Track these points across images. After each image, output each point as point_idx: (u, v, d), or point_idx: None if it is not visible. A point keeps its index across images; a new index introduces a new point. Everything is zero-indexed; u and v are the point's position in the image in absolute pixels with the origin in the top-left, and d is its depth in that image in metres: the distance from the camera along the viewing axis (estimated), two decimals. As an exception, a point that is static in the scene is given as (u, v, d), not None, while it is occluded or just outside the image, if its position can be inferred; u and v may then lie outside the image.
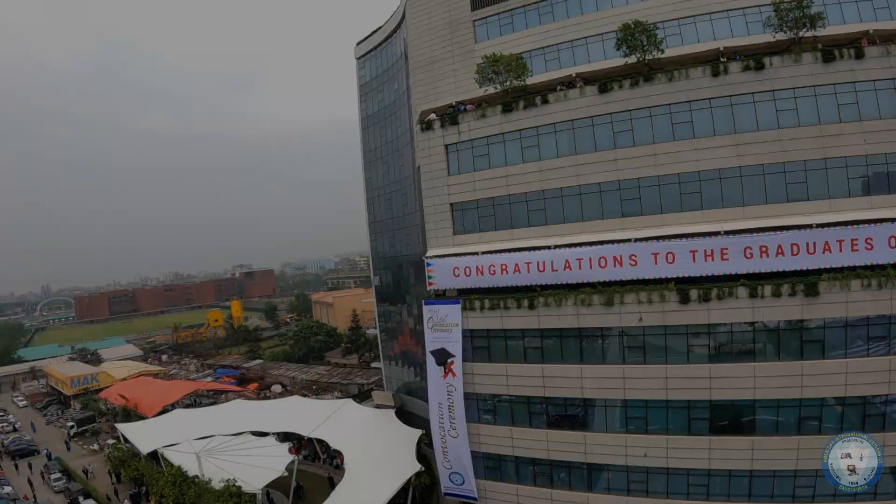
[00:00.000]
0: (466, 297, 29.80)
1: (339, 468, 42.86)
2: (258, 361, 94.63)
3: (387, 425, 42.91)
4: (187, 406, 67.48)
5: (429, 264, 30.09)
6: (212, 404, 66.89)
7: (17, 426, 72.37)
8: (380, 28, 47.82)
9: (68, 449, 61.29)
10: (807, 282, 22.59)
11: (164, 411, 60.92)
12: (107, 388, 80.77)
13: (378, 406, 47.72)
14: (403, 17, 41.77)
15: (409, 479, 32.84)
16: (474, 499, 29.78)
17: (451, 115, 30.62)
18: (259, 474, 37.51)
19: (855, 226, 22.78)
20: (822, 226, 22.93)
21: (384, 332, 51.92)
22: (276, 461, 40.13)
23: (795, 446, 23.48)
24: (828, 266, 22.72)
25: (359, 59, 50.68)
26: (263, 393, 74.89)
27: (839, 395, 23.03)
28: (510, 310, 27.96)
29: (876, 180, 24.40)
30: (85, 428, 67.13)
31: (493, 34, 35.90)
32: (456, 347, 29.92)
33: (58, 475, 50.04)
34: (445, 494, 31.01)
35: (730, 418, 24.08)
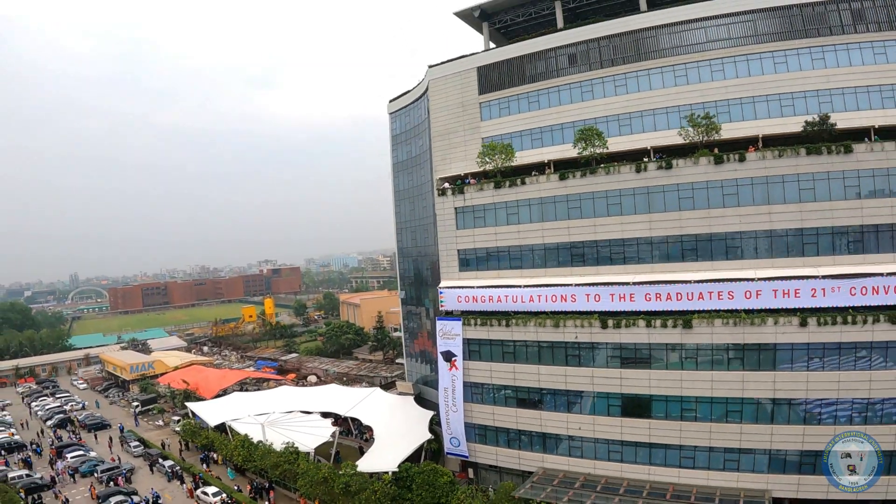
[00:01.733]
0: (466, 316, 43.42)
1: (368, 441, 56.74)
2: (294, 355, 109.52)
3: (407, 408, 56.83)
4: (228, 393, 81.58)
5: (441, 292, 43.88)
6: (256, 390, 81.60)
7: (84, 405, 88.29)
8: (408, 92, 61.21)
9: (136, 424, 76.80)
10: (684, 318, 35.48)
11: (218, 395, 75.79)
12: (162, 374, 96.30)
13: (401, 393, 61.71)
14: (426, 90, 55.09)
15: (423, 444, 46.71)
16: (466, 457, 43.52)
17: (458, 186, 44.20)
18: (309, 440, 51.68)
19: (722, 282, 35.52)
20: (699, 281, 35.74)
21: (407, 333, 65.73)
22: (322, 431, 54.47)
23: (678, 428, 36.44)
24: (699, 308, 35.54)
25: (391, 114, 64.28)
26: (300, 382, 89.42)
27: (706, 395, 35.85)
28: (494, 326, 41.56)
29: (746, 249, 36.94)
30: (148, 407, 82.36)
31: (493, 115, 49.04)
32: (458, 350, 43.53)
33: (136, 443, 65.28)
34: (447, 454, 44.82)
35: (634, 406, 37.20)
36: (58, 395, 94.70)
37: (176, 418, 72.86)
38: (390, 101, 64.55)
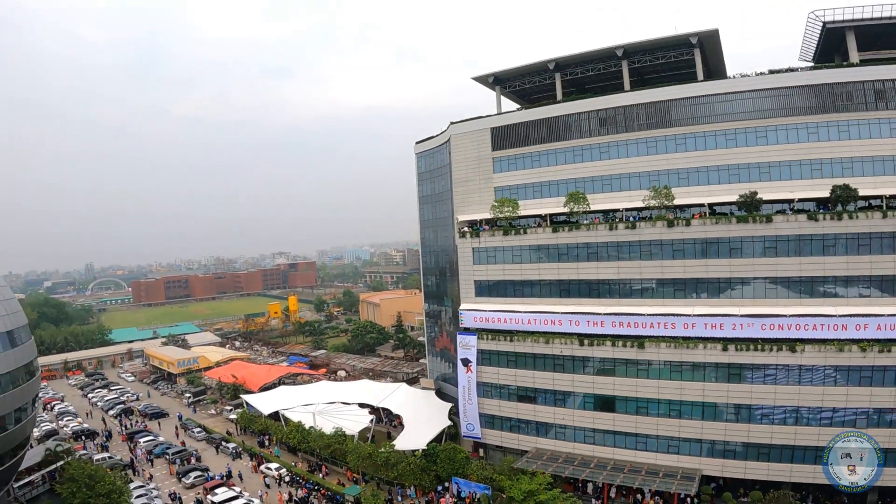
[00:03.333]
0: (480, 332, 57.74)
1: (396, 427, 71.33)
2: (322, 351, 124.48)
3: (429, 400, 71.55)
4: (272, 386, 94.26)
5: (461, 313, 58.27)
6: (291, 384, 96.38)
7: (139, 396, 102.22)
8: (432, 138, 74.77)
9: (194, 411, 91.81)
10: (639, 341, 49.52)
11: (263, 388, 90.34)
12: (206, 368, 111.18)
13: (424, 388, 76.45)
14: (448, 141, 68.62)
15: (443, 430, 61.38)
16: (479, 438, 58.35)
17: (475, 231, 58.37)
18: (353, 426, 66.37)
19: (668, 316, 49.34)
20: (651, 315, 49.64)
21: (428, 338, 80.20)
22: (361, 419, 69.24)
23: (634, 421, 50.62)
24: (651, 334, 49.48)
25: (417, 154, 78.13)
26: (331, 377, 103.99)
27: (654, 397, 49.89)
28: (501, 341, 55.94)
29: (688, 291, 50.60)
30: (199, 399, 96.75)
31: (504, 168, 62.84)
32: (473, 357, 57.85)
33: (198, 429, 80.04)
34: (463, 436, 59.59)
35: (602, 403, 51.46)
36: (112, 388, 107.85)
37: (228, 408, 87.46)
38: (416, 143, 78.36)
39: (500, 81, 67.78)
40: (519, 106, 73.50)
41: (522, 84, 68.01)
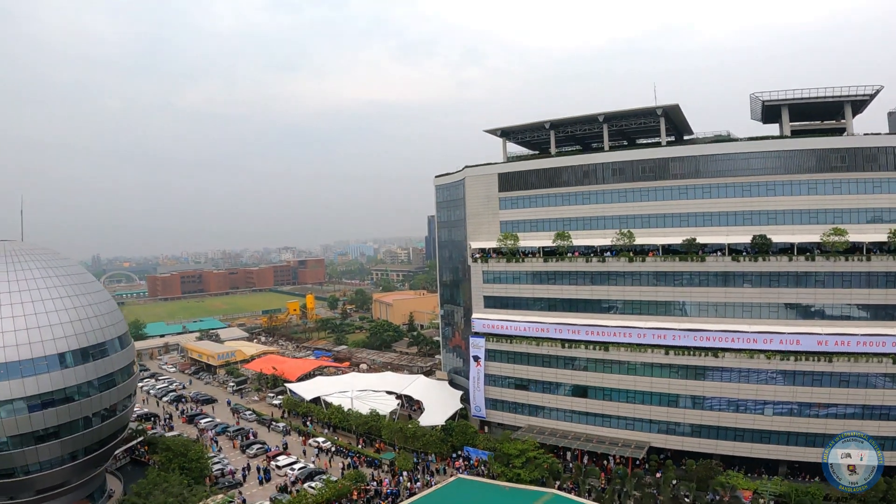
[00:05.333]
0: (487, 335, 76.49)
1: (415, 411, 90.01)
2: (343, 347, 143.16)
3: (443, 388, 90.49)
4: (309, 376, 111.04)
5: (473, 321, 77.05)
6: (320, 375, 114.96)
7: (185, 385, 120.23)
8: (449, 174, 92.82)
9: (241, 398, 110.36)
10: (605, 346, 68.27)
11: (300, 378, 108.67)
12: (243, 361, 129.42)
13: (438, 379, 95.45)
14: (464, 180, 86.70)
15: (456, 411, 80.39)
16: (484, 418, 77.35)
17: (484, 257, 76.96)
18: (384, 408, 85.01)
19: (626, 328, 67.88)
20: (614, 326, 68.24)
21: (443, 337, 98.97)
22: (389, 403, 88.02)
23: (601, 405, 69.46)
24: (613, 341, 68.16)
25: (436, 186, 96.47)
26: (353, 369, 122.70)
27: (616, 387, 68.64)
28: (503, 343, 74.78)
29: (643, 309, 69.01)
30: (241, 387, 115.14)
31: (508, 206, 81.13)
32: (482, 355, 76.67)
33: (249, 412, 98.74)
34: (472, 416, 78.69)
35: (579, 391, 70.49)
36: (159, 378, 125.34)
37: (271, 395, 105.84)
38: (436, 177, 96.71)
39: (506, 134, 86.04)
40: (523, 150, 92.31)
41: (524, 137, 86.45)
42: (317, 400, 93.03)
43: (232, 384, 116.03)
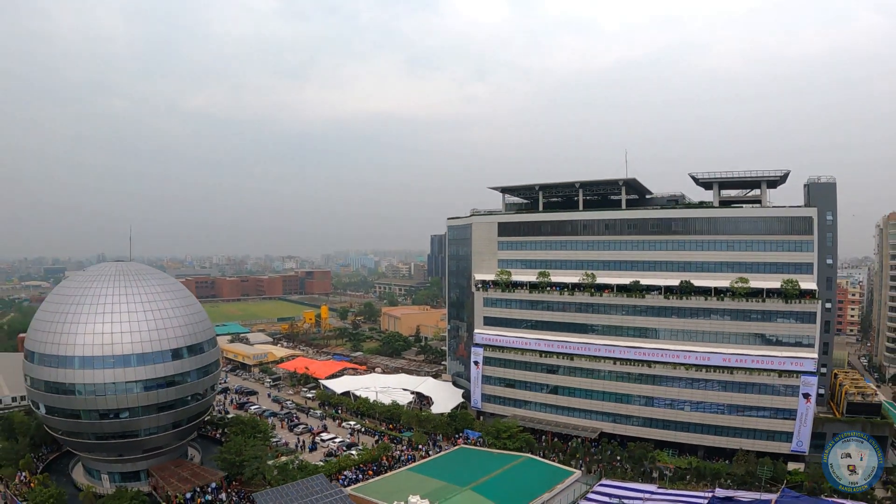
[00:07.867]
0: (485, 346, 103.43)
1: (425, 406, 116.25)
2: (359, 353, 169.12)
3: (448, 388, 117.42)
4: (337, 375, 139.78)
5: (474, 335, 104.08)
6: (341, 375, 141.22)
7: (227, 380, 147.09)
8: (459, 217, 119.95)
9: (278, 391, 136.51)
10: (570, 357, 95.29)
11: (328, 377, 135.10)
12: (275, 362, 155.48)
13: (443, 381, 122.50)
14: (471, 224, 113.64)
15: (459, 403, 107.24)
16: (480, 409, 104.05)
17: (485, 287, 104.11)
18: (402, 400, 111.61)
19: (589, 344, 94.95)
20: (579, 343, 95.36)
21: (448, 348, 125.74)
22: (405, 396, 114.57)
23: (569, 401, 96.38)
24: (579, 353, 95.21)
25: (448, 226, 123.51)
26: (371, 372, 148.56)
27: (580, 388, 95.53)
28: (497, 351, 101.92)
29: (602, 331, 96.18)
30: (276, 383, 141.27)
31: (505, 248, 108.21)
32: (480, 360, 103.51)
33: (289, 401, 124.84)
34: (471, 408, 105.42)
35: (553, 389, 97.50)
36: None
37: (305, 389, 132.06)
38: (448, 219, 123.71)
39: (506, 190, 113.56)
40: (520, 201, 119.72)
41: (519, 193, 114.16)
42: (346, 393, 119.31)
43: (269, 380, 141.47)
